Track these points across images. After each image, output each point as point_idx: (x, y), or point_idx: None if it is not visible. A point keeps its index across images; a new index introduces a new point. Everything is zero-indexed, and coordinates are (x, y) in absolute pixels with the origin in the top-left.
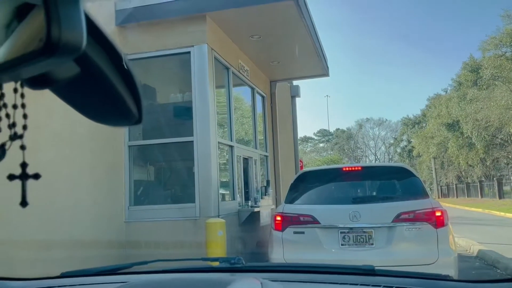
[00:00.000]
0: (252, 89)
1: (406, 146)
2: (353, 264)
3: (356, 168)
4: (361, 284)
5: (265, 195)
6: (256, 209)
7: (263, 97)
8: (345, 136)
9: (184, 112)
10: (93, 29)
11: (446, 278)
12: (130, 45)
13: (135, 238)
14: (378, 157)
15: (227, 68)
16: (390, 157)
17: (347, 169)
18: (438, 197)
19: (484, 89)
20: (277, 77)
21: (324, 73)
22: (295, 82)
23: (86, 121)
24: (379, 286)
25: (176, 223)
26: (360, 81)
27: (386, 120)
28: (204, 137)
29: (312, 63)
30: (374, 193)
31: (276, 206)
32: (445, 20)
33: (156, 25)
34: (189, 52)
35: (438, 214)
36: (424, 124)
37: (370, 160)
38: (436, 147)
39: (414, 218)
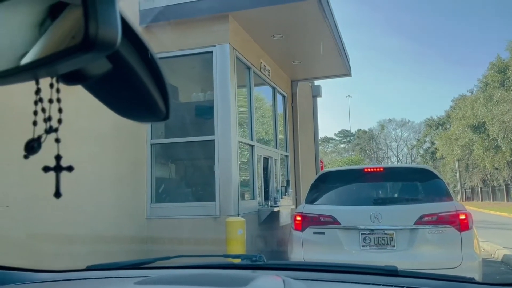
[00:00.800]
0: (273, 88)
1: (429, 147)
2: (376, 265)
3: (378, 169)
4: (383, 285)
5: (285, 195)
6: (275, 209)
7: (284, 96)
8: (367, 137)
9: (205, 111)
10: (125, 26)
11: (470, 281)
12: (154, 44)
13: (156, 234)
14: (400, 158)
15: (249, 68)
16: (413, 159)
17: (369, 170)
18: (462, 200)
19: (511, 90)
20: (298, 77)
21: (346, 72)
22: (316, 82)
23: (111, 120)
24: (402, 287)
25: (196, 221)
26: (383, 81)
27: (409, 121)
28: (225, 136)
29: (334, 62)
30: (396, 195)
31: (296, 207)
32: (471, 19)
33: (179, 24)
34: (211, 52)
35: (462, 217)
36: (448, 126)
37: (392, 162)
38: (460, 149)
39: (437, 220)
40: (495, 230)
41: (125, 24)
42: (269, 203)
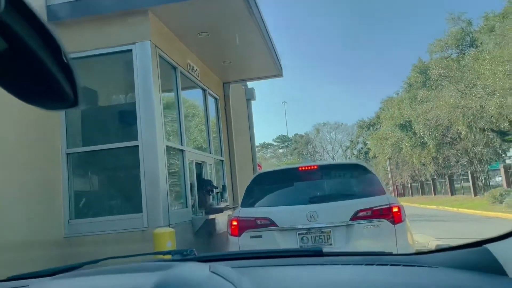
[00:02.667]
0: (204, 90)
1: (362, 148)
2: (304, 248)
3: (312, 167)
4: (309, 264)
5: (221, 201)
6: (211, 216)
7: (216, 99)
8: (304, 141)
9: (127, 115)
10: (21, 6)
11: (388, 254)
12: (66, 44)
13: (76, 254)
14: (336, 160)
15: (175, 68)
16: (347, 159)
17: (303, 168)
18: (395, 196)
19: (433, 89)
20: (230, 78)
21: (278, 73)
22: (250, 85)
23: (13, 127)
24: (326, 264)
25: (122, 235)
26: (316, 86)
27: (342, 123)
28: (150, 141)
29: (265, 62)
30: (331, 192)
31: (234, 203)
32: (397, 25)
33: (93, 21)
34: (131, 50)
35: (395, 210)
36: (378, 126)
37: None
38: (390, 148)
39: (372, 215)
40: (426, 222)
41: (21, 3)
42: (203, 211)
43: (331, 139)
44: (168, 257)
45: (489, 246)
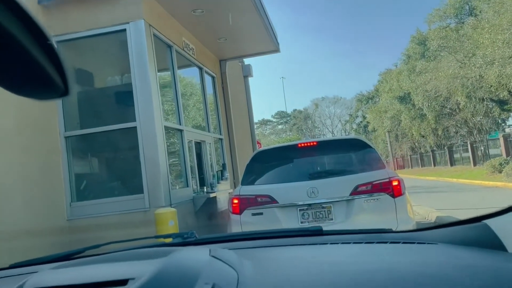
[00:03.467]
0: (200, 69)
1: (361, 122)
2: (303, 227)
3: (311, 144)
4: (309, 244)
5: (222, 179)
6: (212, 195)
7: (213, 77)
8: (303, 116)
9: (124, 96)
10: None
11: (388, 231)
12: (57, 25)
13: (79, 236)
14: (335, 134)
15: (170, 47)
16: (347, 134)
17: (302, 145)
18: (395, 169)
19: (431, 60)
20: (226, 56)
21: (275, 49)
22: (246, 61)
23: (11, 113)
24: (326, 243)
25: (124, 217)
26: (314, 60)
27: (341, 98)
28: (148, 121)
29: (261, 38)
30: (331, 167)
31: (235, 186)
32: None
33: (85, 1)
34: (124, 30)
35: (395, 183)
36: (377, 99)
37: None
38: (390, 121)
39: (372, 189)
40: (426, 194)
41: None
42: (205, 190)
43: (330, 113)
44: (169, 240)
45: (488, 221)
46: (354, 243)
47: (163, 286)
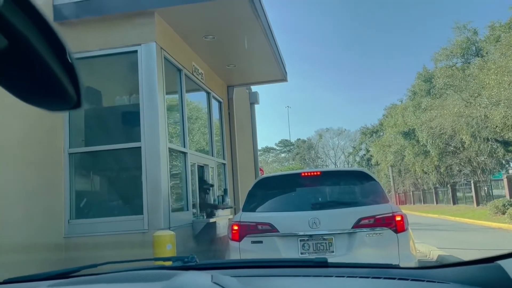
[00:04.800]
0: (208, 93)
1: (364, 155)
2: (307, 258)
3: (315, 173)
4: (314, 276)
5: (223, 204)
6: (211, 220)
7: (220, 102)
8: (306, 146)
9: (131, 116)
10: (26, 6)
11: (395, 267)
12: (70, 42)
13: (74, 254)
14: (338, 166)
15: (179, 70)
16: (350, 165)
17: (306, 174)
18: (397, 204)
19: (437, 98)
20: (234, 82)
21: (282, 78)
22: (254, 89)
23: (16, 126)
24: (331, 276)
25: (122, 237)
26: (320, 91)
27: (345, 129)
28: (152, 142)
29: (270, 67)
30: (334, 199)
31: (235, 212)
32: (402, 32)
33: (100, 21)
34: (136, 51)
35: (398, 218)
36: (381, 133)
37: None
38: (393, 155)
39: (375, 223)
40: (428, 232)
41: (27, 3)
42: (205, 214)
43: (334, 145)
44: (169, 263)
45: (502, 262)
46: (360, 277)
47: None
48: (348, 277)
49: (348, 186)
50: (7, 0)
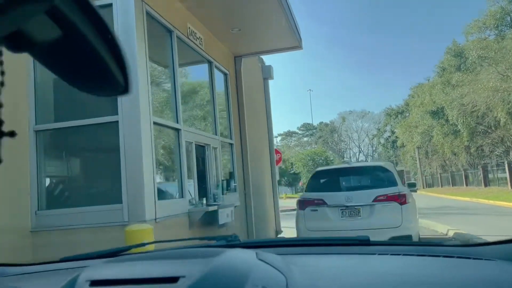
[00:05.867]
0: (210, 63)
1: (389, 136)
2: (350, 236)
3: (350, 167)
4: (357, 253)
5: (227, 189)
6: (211, 208)
7: (225, 74)
8: (329, 130)
9: None
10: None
11: (440, 244)
12: None
13: (44, 252)
14: (362, 149)
15: (170, 31)
16: (374, 148)
17: (347, 168)
18: (423, 187)
19: (469, 72)
20: (241, 51)
21: (296, 44)
22: (267, 62)
23: None
24: (374, 254)
25: (98, 231)
26: (342, 72)
27: (369, 112)
28: (132, 115)
29: (282, 31)
30: (360, 183)
31: (246, 202)
32: (428, 8)
33: None
34: (111, 5)
35: (402, 196)
36: (407, 114)
37: (354, 153)
38: (420, 136)
39: (386, 199)
40: (461, 216)
41: None
42: (204, 201)
43: (357, 127)
44: (213, 242)
45: None
46: (404, 255)
47: (214, 285)
48: (391, 254)
49: (370, 175)
50: None
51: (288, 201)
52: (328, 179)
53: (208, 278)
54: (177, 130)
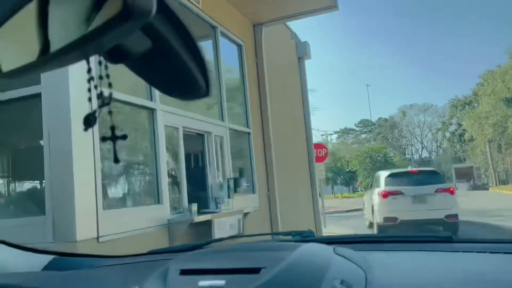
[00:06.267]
0: (213, 28)
1: (456, 130)
2: (431, 233)
3: (416, 171)
4: (439, 251)
5: (236, 191)
6: (202, 218)
7: (239, 46)
8: (388, 125)
9: None
10: (162, 6)
11: None
12: None
13: None
14: (425, 145)
15: None
16: (438, 144)
17: (412, 171)
18: (496, 185)
19: None
20: (262, 18)
21: (331, 4)
22: (302, 37)
23: None
24: (458, 251)
25: None
26: (401, 65)
27: (432, 105)
28: (59, 85)
29: None
30: (425, 181)
31: (270, 205)
32: None
33: None
34: None
35: (451, 189)
36: (476, 104)
37: (416, 149)
38: (492, 128)
39: (442, 191)
40: None
41: (162, 4)
42: (193, 208)
43: (419, 122)
44: (288, 238)
45: None
46: (490, 252)
47: (294, 276)
48: (476, 252)
49: (429, 176)
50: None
51: (345, 201)
52: (401, 178)
53: (288, 270)
54: (151, 111)
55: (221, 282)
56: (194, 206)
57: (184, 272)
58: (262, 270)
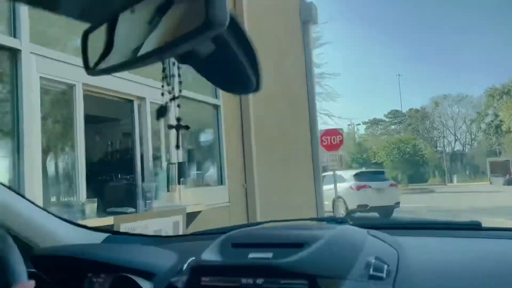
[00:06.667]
0: None
1: (492, 121)
2: (460, 220)
3: (375, 171)
4: (469, 237)
5: (179, 182)
6: (95, 222)
7: None
8: (419, 116)
9: None
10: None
11: None
12: None
13: None
14: (458, 137)
15: None
16: (473, 137)
17: (373, 171)
18: None
19: None
20: None
21: None
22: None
23: None
24: (488, 238)
25: None
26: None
27: (467, 95)
28: None
29: None
30: (381, 178)
31: (248, 201)
32: None
33: None
34: None
35: (396, 184)
36: None
37: (449, 141)
38: None
39: (392, 185)
40: None
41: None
42: (95, 207)
43: (453, 113)
44: (323, 223)
45: None
46: None
47: (334, 251)
48: (507, 239)
49: (382, 175)
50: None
51: None
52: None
53: (329, 244)
54: (13, 53)
55: (269, 254)
56: (91, 204)
57: (235, 245)
58: (305, 246)
